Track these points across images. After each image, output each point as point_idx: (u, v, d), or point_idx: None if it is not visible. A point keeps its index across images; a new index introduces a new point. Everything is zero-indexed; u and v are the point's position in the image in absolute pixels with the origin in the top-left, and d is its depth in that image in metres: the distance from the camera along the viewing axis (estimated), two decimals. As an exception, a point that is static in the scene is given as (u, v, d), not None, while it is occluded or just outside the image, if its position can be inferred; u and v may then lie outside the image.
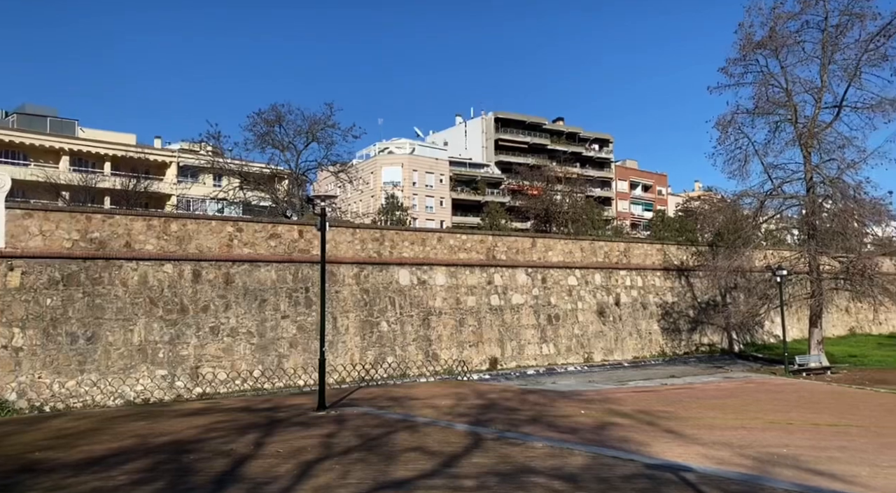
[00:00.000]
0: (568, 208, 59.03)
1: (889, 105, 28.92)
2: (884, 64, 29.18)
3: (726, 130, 31.87)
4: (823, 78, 30.64)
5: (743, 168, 32.08)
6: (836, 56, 30.17)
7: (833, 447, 12.74)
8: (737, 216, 34.47)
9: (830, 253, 32.93)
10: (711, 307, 40.86)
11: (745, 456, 11.56)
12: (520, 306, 33.23)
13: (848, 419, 16.64)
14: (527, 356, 32.85)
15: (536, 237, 36.54)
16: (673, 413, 17.23)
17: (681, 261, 40.78)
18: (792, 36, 30.59)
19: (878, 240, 32.85)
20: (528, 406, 18.06)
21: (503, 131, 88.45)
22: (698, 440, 13.26)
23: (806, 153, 31.17)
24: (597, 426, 15.03)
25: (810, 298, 31.96)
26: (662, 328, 38.87)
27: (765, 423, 15.79)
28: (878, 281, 31.10)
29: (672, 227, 61.49)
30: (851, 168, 30.35)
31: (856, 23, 29.30)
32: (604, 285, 37.07)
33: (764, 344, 41.97)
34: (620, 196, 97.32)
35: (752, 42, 30.90)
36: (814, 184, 31.28)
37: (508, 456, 11.16)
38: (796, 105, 31.13)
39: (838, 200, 31.17)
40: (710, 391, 22.98)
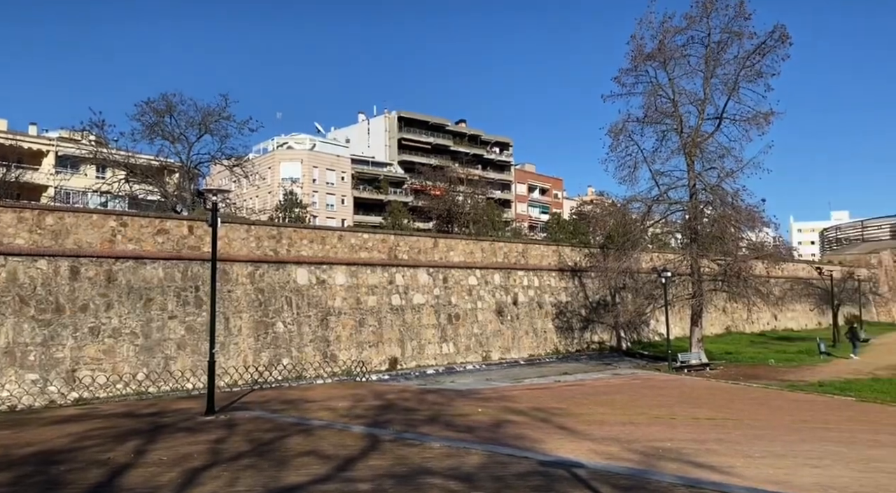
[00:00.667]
0: (470, 209, 59.84)
1: (763, 118, 31.07)
2: (759, 80, 31.29)
3: (618, 138, 33.21)
4: (706, 91, 32.55)
5: (632, 174, 33.52)
6: (718, 71, 32.10)
7: (711, 439, 13.49)
8: (626, 220, 36.00)
9: (710, 256, 35.04)
10: (602, 307, 42.57)
11: (632, 451, 12.01)
12: (421, 305, 33.24)
13: (724, 412, 17.71)
14: (427, 356, 32.91)
15: (438, 237, 36.70)
16: (565, 410, 17.73)
17: (574, 262, 42.21)
18: (679, 50, 32.30)
19: (752, 244, 35.14)
20: (427, 406, 18.03)
21: (406, 131, 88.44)
22: (589, 436, 13.67)
23: (690, 161, 32.94)
24: (493, 424, 15.21)
25: (692, 298, 33.81)
26: (557, 327, 40.07)
27: (650, 418, 16.53)
28: (751, 283, 33.32)
29: (567, 229, 63.65)
30: (730, 177, 32.35)
31: (735, 41, 31.29)
32: (503, 284, 37.75)
33: (649, 342, 44.18)
34: (519, 199, 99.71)
35: (643, 54, 32.38)
36: (696, 191, 33.11)
37: (405, 458, 11.04)
38: (682, 115, 32.86)
39: (718, 207, 33.12)
40: (599, 388, 23.87)
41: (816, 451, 12.16)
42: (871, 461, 11.31)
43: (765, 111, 31.09)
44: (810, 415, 17.26)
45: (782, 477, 10.08)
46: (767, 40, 30.32)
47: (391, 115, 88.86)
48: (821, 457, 11.61)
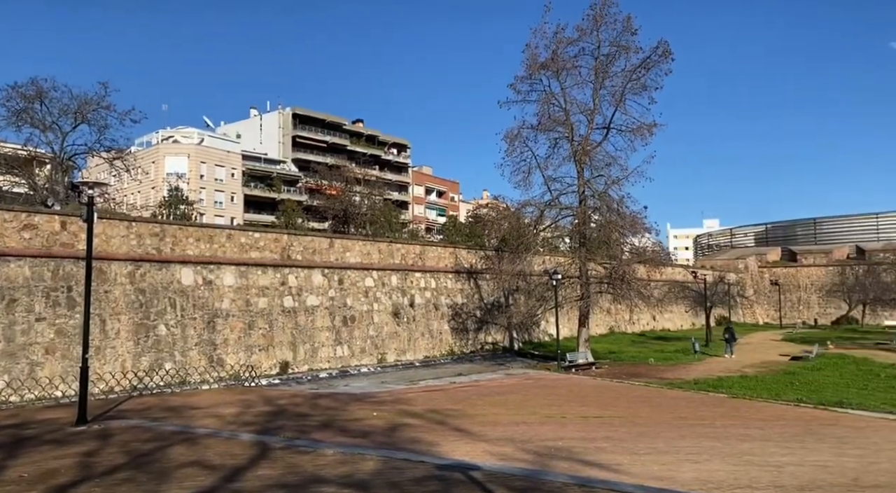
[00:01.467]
0: (367, 210, 59.26)
1: (646, 130, 32.73)
2: (643, 93, 32.96)
3: (513, 143, 33.96)
4: (595, 101, 33.91)
5: (527, 179, 34.40)
6: (607, 82, 33.54)
7: (600, 437, 13.95)
8: (520, 224, 36.86)
9: (597, 260, 36.56)
10: (496, 308, 43.39)
11: (526, 451, 12.18)
12: (315, 307, 32.48)
13: (611, 410, 18.42)
14: (320, 359, 32.19)
15: (334, 238, 36.04)
16: (461, 411, 17.81)
17: (470, 264, 42.76)
18: (571, 60, 33.45)
19: (635, 249, 36.95)
20: (320, 411, 17.56)
21: (301, 128, 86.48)
22: (484, 437, 13.76)
23: (579, 168, 34.18)
24: (389, 428, 15.00)
25: (580, 300, 35.08)
26: (452, 328, 40.41)
27: (542, 417, 16.91)
28: (634, 286, 34.99)
29: (463, 232, 64.47)
30: (616, 184, 33.85)
31: (622, 54, 32.80)
32: (400, 286, 37.60)
33: (540, 342, 45.49)
34: (417, 201, 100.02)
35: (537, 62, 33.28)
36: (585, 197, 34.40)
37: (297, 466, 10.62)
38: (573, 124, 34.07)
39: (604, 213, 34.59)
40: (493, 388, 24.21)
41: (695, 447, 12.84)
42: (744, 454, 12.07)
43: (648, 123, 32.76)
44: (688, 412, 18.26)
45: (666, 473, 10.53)
46: (652, 55, 32.00)
47: (286, 111, 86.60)
48: (699, 452, 12.26)
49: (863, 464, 11.31)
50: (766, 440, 13.63)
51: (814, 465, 11.15)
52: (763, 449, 12.64)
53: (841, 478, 10.18)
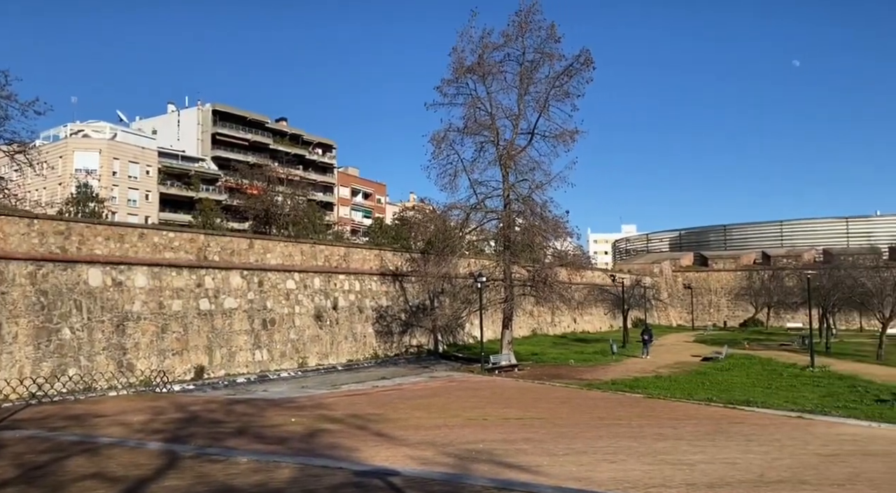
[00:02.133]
0: (290, 211, 57.92)
1: (569, 136, 33.43)
2: (566, 100, 33.63)
3: (440, 146, 33.97)
4: (520, 107, 34.36)
5: (453, 182, 34.48)
6: (531, 88, 34.04)
7: (520, 439, 14.01)
8: (446, 226, 36.91)
9: (521, 263, 37.06)
10: (421, 311, 43.27)
11: (447, 454, 12.08)
12: (233, 310, 31.41)
13: (532, 412, 18.60)
14: (238, 364, 31.14)
15: (254, 238, 34.99)
16: (382, 415, 17.56)
17: (396, 267, 42.48)
18: (496, 65, 33.78)
19: (557, 253, 37.69)
20: (235, 418, 16.91)
21: (222, 126, 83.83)
22: (405, 442, 13.58)
23: (504, 173, 34.54)
24: (307, 433, 14.59)
25: (504, 302, 35.44)
26: (377, 331, 39.99)
27: (464, 420, 16.87)
28: (556, 288, 35.65)
29: (389, 234, 64.06)
30: (539, 189, 34.40)
31: (546, 61, 33.37)
32: (323, 288, 36.89)
33: (464, 344, 45.68)
34: (342, 202, 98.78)
35: (463, 66, 33.44)
36: (510, 201, 34.79)
37: (207, 475, 10.13)
38: (498, 128, 34.39)
39: (528, 217, 35.07)
40: (417, 391, 24.06)
41: (612, 446, 13.09)
42: (658, 453, 12.39)
43: (571, 129, 33.47)
44: (606, 412, 18.67)
45: (584, 474, 10.66)
46: (574, 63, 32.72)
47: (205, 107, 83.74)
48: (616, 452, 12.50)
49: (767, 460, 11.81)
50: (679, 439, 14.06)
51: (723, 462, 11.55)
52: (676, 448, 13.02)
53: (748, 474, 10.57)
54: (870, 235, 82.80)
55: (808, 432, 15.26)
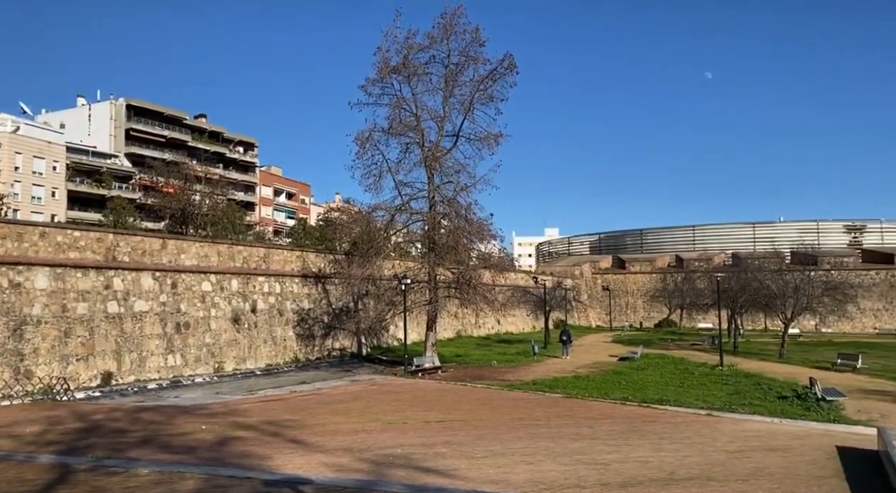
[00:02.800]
0: (208, 210, 55.97)
1: (493, 139, 33.71)
2: (491, 103, 33.92)
3: (364, 146, 33.57)
4: (446, 109, 34.41)
5: (378, 183, 34.15)
6: (456, 91, 34.14)
7: (440, 442, 13.87)
8: (371, 228, 36.50)
9: (446, 265, 37.07)
10: (345, 313, 42.61)
11: (364, 460, 11.80)
12: (144, 313, 29.94)
13: (453, 414, 18.52)
14: (149, 369, 29.71)
15: (168, 238, 33.51)
16: (299, 421, 17.06)
17: (319, 268, 41.68)
18: (422, 67, 33.69)
19: (481, 255, 37.90)
20: (141, 426, 16.02)
21: (137, 121, 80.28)
22: (321, 448, 13.20)
23: (430, 174, 34.47)
24: (218, 442, 13.96)
25: (428, 304, 35.34)
26: (298, 335, 39.08)
27: (384, 424, 16.60)
28: (480, 290, 35.86)
29: (313, 235, 62.95)
30: (464, 191, 34.52)
31: (471, 64, 33.56)
32: (241, 291, 35.73)
33: (388, 347, 45.32)
34: (264, 202, 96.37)
35: (388, 66, 33.17)
36: (435, 202, 34.74)
37: (103, 489, 9.48)
38: (424, 130, 34.30)
39: (453, 219, 35.13)
40: (337, 396, 23.57)
41: (530, 447, 13.13)
42: (574, 453, 12.50)
43: (495, 133, 33.77)
44: (525, 413, 18.79)
45: (501, 476, 10.61)
46: (498, 67, 33.02)
47: (118, 102, 79.96)
48: (533, 453, 12.53)
49: (678, 458, 12.11)
50: (595, 439, 14.27)
51: (636, 461, 11.76)
52: (592, 447, 13.19)
53: (659, 473, 10.79)
54: (774, 240, 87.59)
55: (717, 429, 15.81)
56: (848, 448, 12.87)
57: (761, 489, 9.72)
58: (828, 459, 11.95)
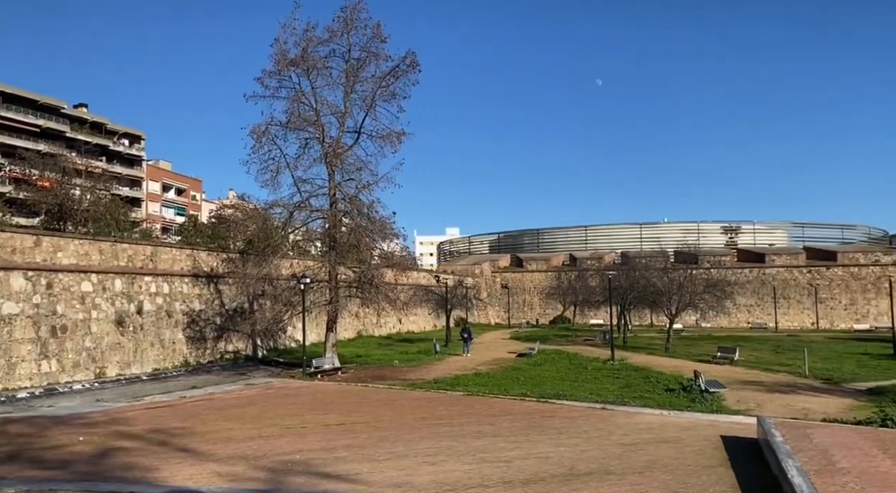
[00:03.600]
0: (89, 206, 52.15)
1: (396, 137, 33.40)
2: (393, 100, 33.53)
3: (261, 140, 32.40)
4: (347, 104, 33.75)
5: (275, 179, 33.05)
6: (358, 87, 33.57)
7: (341, 446, 13.48)
8: (268, 226, 35.26)
9: (347, 264, 36.41)
10: (239, 314, 40.97)
11: (260, 468, 11.25)
12: (14, 316, 27.45)
13: (354, 416, 18.11)
14: (20, 376, 27.27)
15: (42, 235, 30.89)
16: (189, 429, 16.13)
17: (211, 267, 39.86)
18: (322, 60, 32.87)
19: (384, 254, 37.48)
20: (7, 440, 14.58)
21: (7, 108, 73.84)
22: (213, 457, 12.49)
23: (330, 171, 33.73)
24: (97, 454, 12.91)
25: (328, 304, 34.59)
26: (188, 337, 37.18)
27: (281, 429, 15.98)
28: (382, 290, 35.47)
29: (205, 233, 60.18)
30: (366, 189, 34.01)
31: (372, 60, 33.04)
32: (125, 291, 33.52)
33: (286, 349, 44.04)
34: (151, 198, 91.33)
35: (286, 58, 32.15)
36: (336, 200, 34.03)
37: (-40, 516, 8.46)
38: (324, 125, 33.49)
39: (355, 217, 34.55)
40: (230, 401, 22.55)
41: (433, 447, 13.00)
42: (477, 452, 12.49)
43: (397, 130, 33.47)
44: (428, 412, 18.68)
45: (404, 478, 10.40)
46: (400, 64, 32.76)
47: (-15, 86, 73.25)
48: (437, 453, 12.41)
49: (576, 452, 12.36)
50: (497, 436, 14.35)
51: (537, 457, 11.88)
52: (494, 445, 13.23)
53: (560, 468, 10.94)
54: (659, 240, 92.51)
55: (612, 422, 16.33)
56: (731, 438, 13.61)
57: (656, 480, 10.05)
58: (714, 449, 12.56)
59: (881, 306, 75.08)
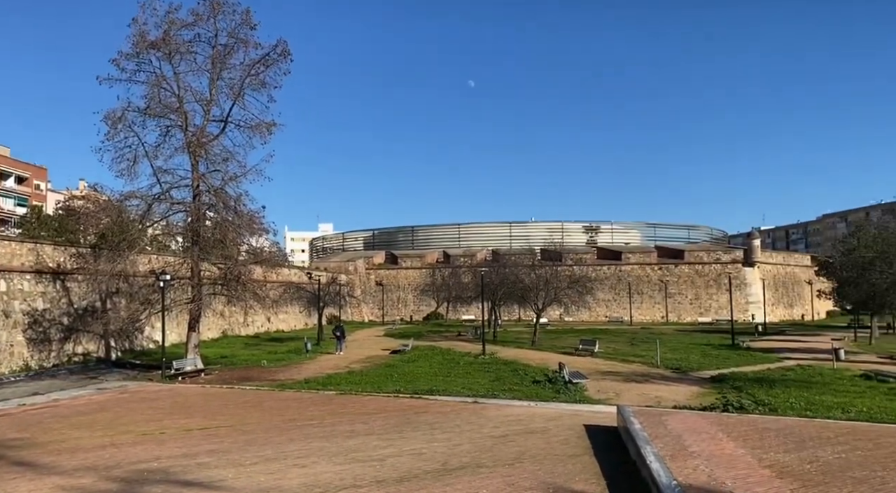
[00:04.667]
0: None
1: (266, 128, 32.19)
2: (263, 90, 32.28)
3: (116, 126, 30.12)
4: (213, 92, 32.09)
5: (132, 168, 30.87)
6: (225, 74, 31.99)
7: (203, 451, 12.72)
8: (123, 218, 32.75)
9: (211, 260, 34.62)
10: (90, 314, 37.84)
11: (112, 479, 10.37)
12: None
13: (218, 420, 17.20)
14: None
15: None
16: (29, 439, 14.59)
17: (58, 263, 36.53)
18: (185, 44, 31.00)
19: (252, 250, 36.02)
20: None
21: None
22: (56, 469, 11.36)
23: (194, 161, 31.93)
24: (-88, 475, 11.32)
25: (191, 302, 32.77)
26: (30, 339, 33.83)
27: (137, 435, 14.85)
28: (250, 287, 34.09)
29: (51, 226, 55.17)
30: (233, 181, 32.48)
31: (241, 47, 31.63)
32: (-49, 289, 29.92)
33: (144, 350, 41.29)
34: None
35: (146, 40, 30.06)
36: (200, 192, 32.26)
37: None
38: (187, 113, 31.65)
39: (221, 210, 32.92)
40: (79, 407, 20.69)
41: (304, 449, 12.59)
42: (349, 451, 12.23)
43: (267, 121, 32.30)
44: (298, 413, 18.12)
45: (272, 482, 9.96)
46: (271, 53, 31.63)
47: None
48: (307, 455, 12.02)
49: (449, 447, 12.44)
50: (370, 434, 14.15)
51: (410, 454, 11.83)
52: (367, 444, 13.03)
53: (433, 464, 10.95)
54: (528, 238, 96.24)
55: (483, 415, 16.63)
56: (593, 426, 14.28)
57: (525, 471, 10.30)
58: (578, 438, 13.11)
59: (721, 300, 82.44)
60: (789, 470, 9.32)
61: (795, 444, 11.22)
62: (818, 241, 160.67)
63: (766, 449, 10.69)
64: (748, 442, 11.25)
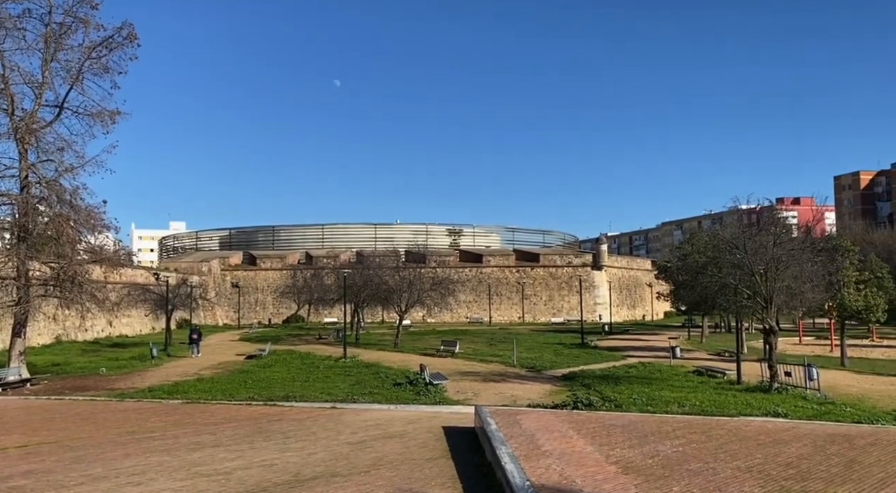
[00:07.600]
0: None
1: (108, 116, 29.69)
2: (106, 75, 29.80)
3: None
4: (45, 74, 29.14)
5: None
6: (60, 55, 29.19)
7: (19, 473, 11.26)
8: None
9: (42, 258, 31.31)
10: None
11: None
12: None
13: (42, 435, 15.42)
14: None
15: None
16: None
17: None
18: (12, 20, 27.95)
19: (91, 248, 32.99)
20: None
21: None
22: None
23: (23, 150, 28.86)
24: None
25: (16, 305, 29.49)
26: None
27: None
28: (87, 288, 31.21)
29: None
30: (70, 172, 29.68)
31: (80, 27, 28.99)
32: None
33: (-43, 360, 36.52)
34: None
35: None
36: (29, 183, 29.20)
37: None
38: (14, 95, 28.56)
39: (54, 204, 29.97)
40: None
41: (141, 465, 11.50)
42: (193, 465, 11.32)
43: (111, 109, 29.89)
44: (137, 425, 16.68)
45: (99, 507, 8.95)
46: (115, 35, 29.27)
47: None
48: (144, 472, 10.98)
49: (303, 456, 11.90)
50: (217, 446, 13.26)
51: (260, 466, 11.16)
52: (213, 456, 12.18)
53: (285, 475, 10.39)
54: (393, 240, 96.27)
55: (340, 421, 16.17)
56: (451, 428, 14.30)
57: (381, 478, 10.03)
58: (436, 441, 13.04)
59: (572, 301, 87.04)
60: (633, 466, 9.76)
61: (639, 439, 11.82)
62: (657, 247, 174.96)
63: (612, 446, 11.16)
64: (596, 439, 11.71)
